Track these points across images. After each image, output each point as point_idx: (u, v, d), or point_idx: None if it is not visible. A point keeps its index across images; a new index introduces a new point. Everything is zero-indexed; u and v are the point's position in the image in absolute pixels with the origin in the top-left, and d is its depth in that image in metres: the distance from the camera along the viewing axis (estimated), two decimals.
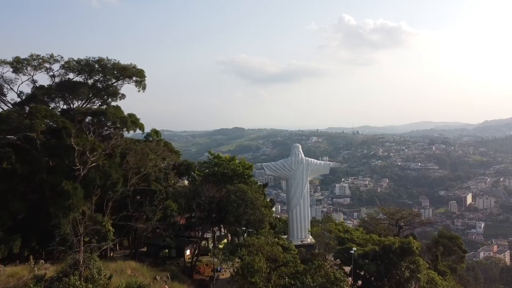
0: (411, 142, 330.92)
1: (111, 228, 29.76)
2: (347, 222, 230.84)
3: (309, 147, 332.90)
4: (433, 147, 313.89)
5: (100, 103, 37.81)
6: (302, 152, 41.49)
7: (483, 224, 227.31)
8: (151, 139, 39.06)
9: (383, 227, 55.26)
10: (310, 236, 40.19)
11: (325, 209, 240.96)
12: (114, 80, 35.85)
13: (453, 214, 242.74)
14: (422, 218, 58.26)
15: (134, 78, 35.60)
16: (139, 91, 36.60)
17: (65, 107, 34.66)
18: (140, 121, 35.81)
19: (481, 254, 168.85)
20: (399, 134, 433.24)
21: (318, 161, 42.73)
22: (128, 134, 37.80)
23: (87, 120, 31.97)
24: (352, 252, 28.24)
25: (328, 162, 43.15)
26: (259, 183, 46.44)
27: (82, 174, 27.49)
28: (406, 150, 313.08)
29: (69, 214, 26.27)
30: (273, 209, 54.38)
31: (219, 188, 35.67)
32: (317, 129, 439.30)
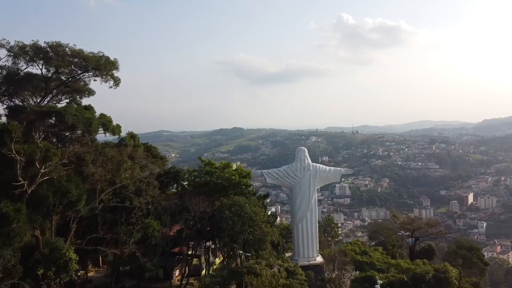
0: (411, 142, 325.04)
1: (73, 255, 23.36)
2: (348, 222, 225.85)
3: (308, 147, 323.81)
4: (433, 146, 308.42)
5: (69, 101, 31.26)
6: (308, 157, 34.68)
7: (485, 224, 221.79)
8: (127, 144, 31.61)
9: (397, 238, 49.08)
10: (319, 255, 33.81)
11: (325, 210, 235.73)
12: (80, 72, 29.07)
13: (454, 214, 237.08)
14: (440, 228, 51.74)
15: (103, 71, 28.76)
16: (110, 87, 30.12)
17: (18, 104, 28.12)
18: (113, 124, 28.64)
19: (485, 255, 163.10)
20: (398, 133, 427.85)
21: (328, 168, 35.65)
22: (109, 138, 31.38)
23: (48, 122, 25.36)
24: (377, 287, 21.89)
25: (339, 169, 36.31)
26: (259, 193, 39.25)
27: (29, 191, 20.95)
28: (406, 149, 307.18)
29: (12, 242, 19.89)
30: (277, 220, 47.12)
31: (212, 201, 29.24)
32: (317, 129, 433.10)
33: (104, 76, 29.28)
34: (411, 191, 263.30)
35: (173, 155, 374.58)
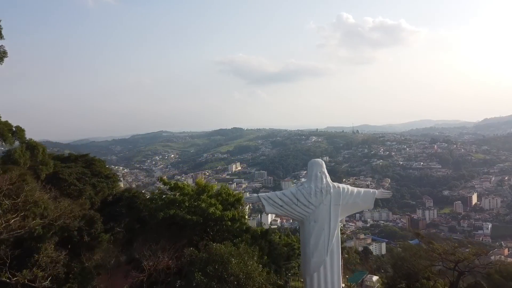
0: (412, 141, 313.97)
1: None
2: (349, 224, 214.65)
3: (309, 147, 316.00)
4: (435, 146, 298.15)
5: None
6: (327, 174, 22.44)
7: (490, 225, 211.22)
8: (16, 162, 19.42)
9: (433, 271, 37.50)
10: None
11: None
12: None
13: (458, 215, 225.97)
14: (491, 257, 40.05)
15: None
16: None
17: None
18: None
19: (492, 259, 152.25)
20: (399, 132, 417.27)
21: (356, 190, 22.81)
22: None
23: None
24: None
25: (372, 191, 23.62)
26: (257, 228, 25.68)
27: None
28: (407, 149, 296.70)
29: None
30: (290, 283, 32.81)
31: (178, 249, 17.77)
32: (317, 129, 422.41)
33: None
34: (413, 191, 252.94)
35: (172, 155, 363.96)
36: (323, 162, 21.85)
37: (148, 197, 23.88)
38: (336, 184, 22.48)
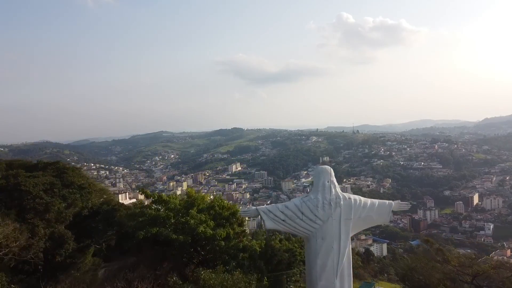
0: (413, 141, 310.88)
1: None
2: None
3: (309, 147, 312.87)
4: (436, 146, 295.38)
5: None
6: (336, 184, 18.84)
7: (492, 226, 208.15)
8: None
9: (447, 284, 34.40)
10: None
11: None
12: None
13: (460, 215, 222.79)
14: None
15: None
16: None
17: None
18: None
19: (495, 259, 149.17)
20: (399, 132, 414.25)
21: (369, 201, 19.01)
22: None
23: None
24: None
25: (388, 202, 19.92)
26: (255, 244, 20.37)
27: None
28: (408, 149, 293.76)
29: None
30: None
31: (161, 276, 14.65)
32: (317, 129, 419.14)
33: None
34: (414, 191, 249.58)
35: (172, 156, 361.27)
36: (331, 170, 18.43)
37: (128, 212, 20.51)
38: (346, 195, 19.16)
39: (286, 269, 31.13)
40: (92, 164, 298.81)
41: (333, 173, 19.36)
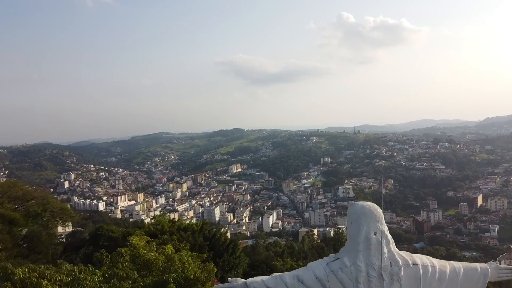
0: (415, 141, 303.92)
1: None
2: None
3: (310, 148, 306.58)
4: (438, 146, 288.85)
5: None
6: (389, 236, 7.67)
7: (497, 227, 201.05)
8: None
9: None
10: None
11: (328, 213, 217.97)
12: None
13: (464, 217, 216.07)
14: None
15: None
16: None
17: None
18: None
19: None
20: (400, 132, 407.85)
21: (448, 266, 7.62)
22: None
23: None
24: None
25: (479, 268, 7.72)
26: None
27: None
28: (410, 149, 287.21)
29: None
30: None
31: None
32: (318, 129, 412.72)
33: None
34: (416, 192, 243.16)
35: (172, 157, 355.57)
36: (380, 212, 8.09)
37: None
38: (407, 256, 8.03)
39: None
40: (92, 166, 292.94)
41: (382, 217, 7.92)
